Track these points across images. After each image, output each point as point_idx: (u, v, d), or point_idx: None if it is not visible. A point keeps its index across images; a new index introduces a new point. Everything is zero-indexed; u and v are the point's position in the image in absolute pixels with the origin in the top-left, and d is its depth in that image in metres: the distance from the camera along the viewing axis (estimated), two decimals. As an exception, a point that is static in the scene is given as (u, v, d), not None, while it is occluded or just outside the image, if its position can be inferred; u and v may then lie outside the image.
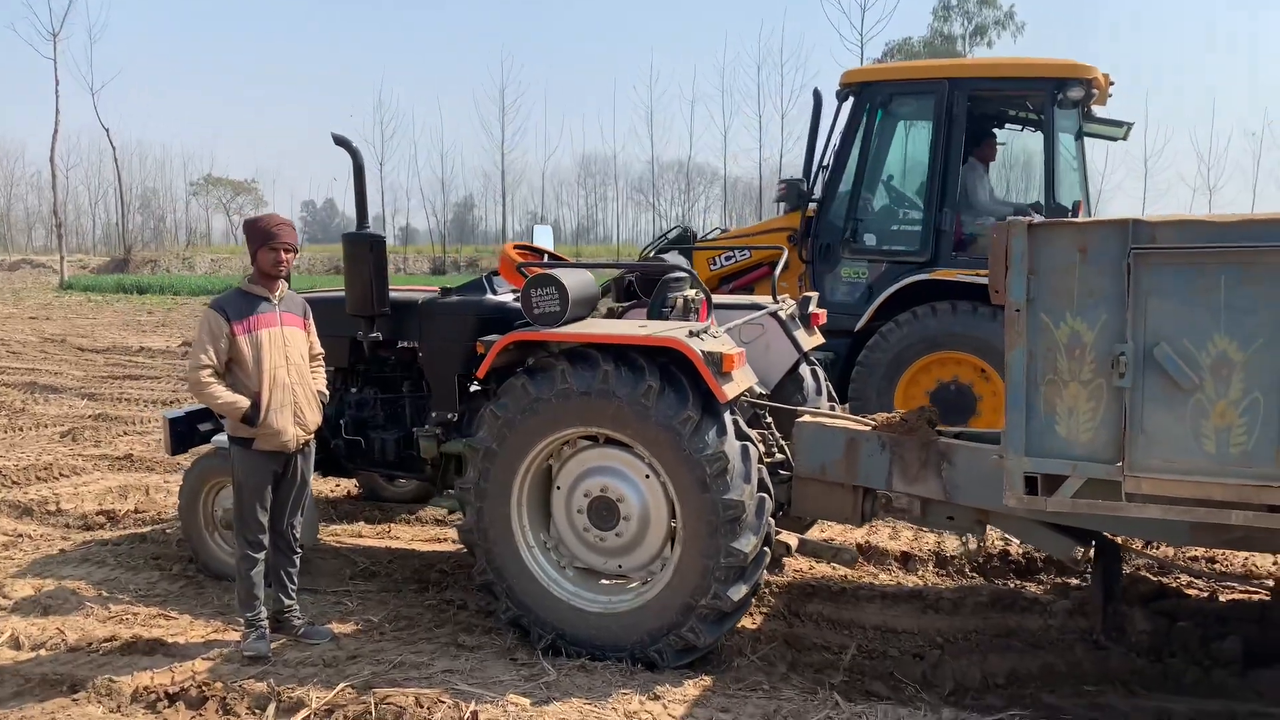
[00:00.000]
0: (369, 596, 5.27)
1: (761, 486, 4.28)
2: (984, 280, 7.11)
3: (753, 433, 4.45)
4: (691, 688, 4.08)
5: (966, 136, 7.38)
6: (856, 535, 5.95)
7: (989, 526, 4.57)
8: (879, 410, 6.93)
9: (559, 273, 4.48)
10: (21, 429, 9.59)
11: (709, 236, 8.60)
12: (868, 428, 4.75)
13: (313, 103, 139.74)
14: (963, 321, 7.04)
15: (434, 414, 5.43)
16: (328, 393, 4.74)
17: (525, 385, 4.43)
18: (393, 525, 6.46)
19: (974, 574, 5.60)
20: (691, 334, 4.23)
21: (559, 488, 4.61)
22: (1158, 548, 5.46)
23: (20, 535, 6.32)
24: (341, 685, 3.97)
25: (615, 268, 5.61)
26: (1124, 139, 8.23)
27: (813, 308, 5.60)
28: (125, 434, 9.40)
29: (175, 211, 74.92)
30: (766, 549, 4.32)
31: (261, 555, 4.48)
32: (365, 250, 5.25)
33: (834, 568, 5.36)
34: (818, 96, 8.35)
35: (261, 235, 4.30)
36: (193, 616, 4.90)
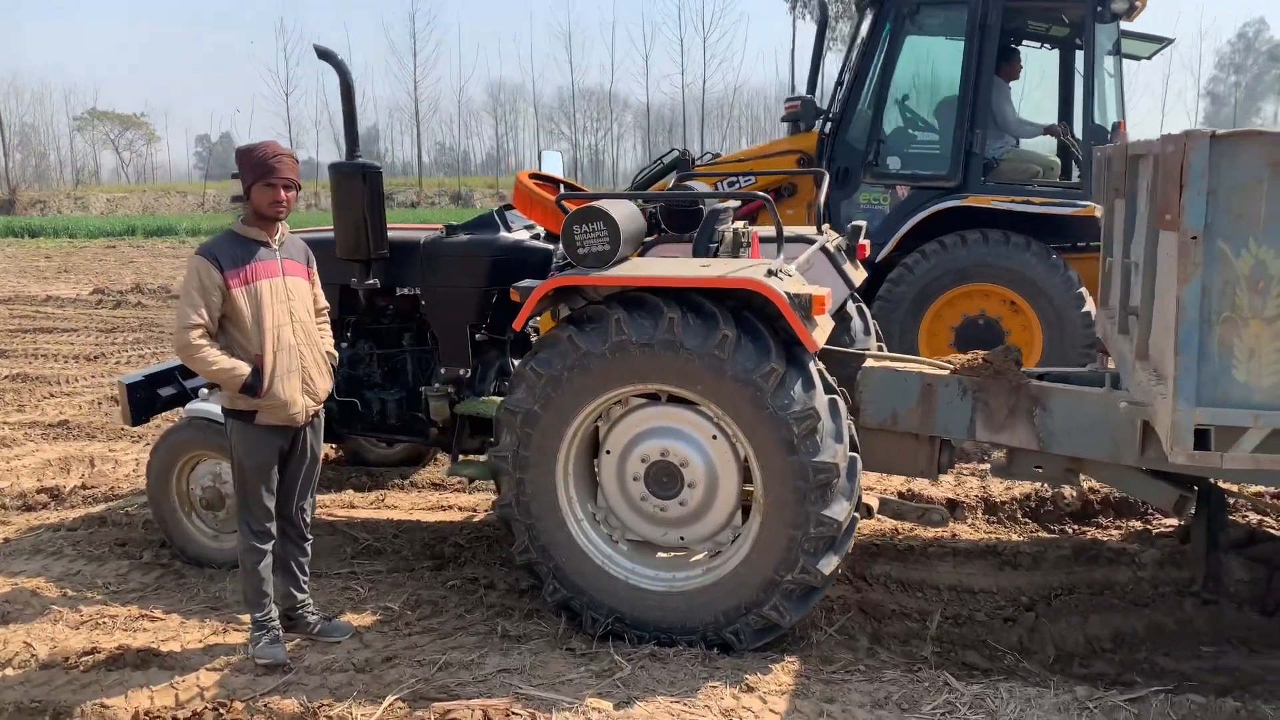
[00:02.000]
0: (379, 579, 4.65)
1: (853, 445, 3.79)
2: (1022, 207, 6.76)
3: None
4: (782, 674, 3.62)
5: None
6: (894, 484, 5.55)
7: (1081, 475, 4.20)
8: (901, 349, 6.55)
9: (604, 205, 3.85)
10: (-72, 394, 8.54)
11: (701, 161, 7.98)
12: (945, 371, 4.29)
13: (206, 29, 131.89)
14: (995, 251, 6.62)
15: (442, 370, 4.79)
16: (336, 354, 4.04)
17: (573, 338, 3.82)
18: (387, 493, 5.81)
19: (1027, 519, 5.26)
20: (769, 273, 3.67)
21: (608, 452, 4.04)
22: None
23: (-49, 522, 5.49)
24: (390, 699, 3.39)
25: (648, 199, 4.97)
26: (1149, 58, 7.84)
27: (862, 238, 5.07)
28: (52, 396, 8.44)
29: (59, 149, 70.18)
30: (857, 514, 3.85)
31: (269, 546, 3.83)
32: (358, 183, 4.52)
33: (897, 525, 4.94)
34: (823, 7, 7.72)
35: (257, 168, 3.55)
36: (181, 615, 4.22)
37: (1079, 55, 7.78)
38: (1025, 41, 7.59)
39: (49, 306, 14.19)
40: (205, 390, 4.78)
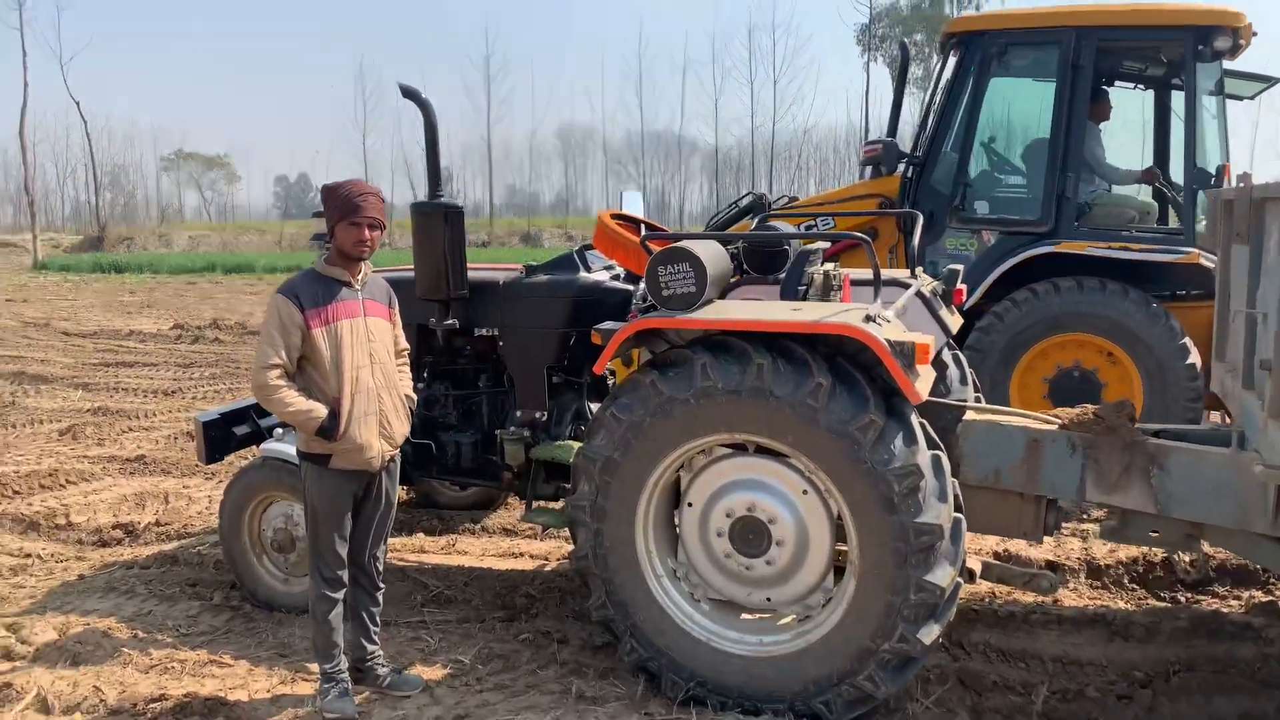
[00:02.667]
0: (449, 629, 4.50)
1: (957, 505, 3.54)
2: (1119, 254, 6.45)
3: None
4: (880, 750, 3.36)
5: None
6: (988, 543, 5.24)
7: (1202, 542, 3.88)
8: (992, 401, 6.24)
9: (690, 245, 3.69)
10: (15, 426, 8.72)
11: (778, 204, 7.81)
12: (1052, 425, 4.02)
13: (288, 73, 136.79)
14: (1089, 300, 6.30)
15: (518, 413, 4.66)
16: (415, 397, 3.94)
17: (655, 382, 3.65)
18: (458, 537, 5.68)
19: (1134, 585, 4.90)
20: (867, 318, 3.47)
21: (690, 504, 3.85)
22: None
23: (29, 556, 5.51)
24: (462, 763, 3.22)
25: (732, 239, 4.81)
26: (1251, 98, 7.49)
27: (958, 283, 4.84)
28: (130, 430, 8.54)
29: (146, 188, 73.09)
30: (960, 579, 3.59)
31: (341, 594, 3.70)
32: (439, 223, 4.45)
33: (994, 588, 4.64)
34: (904, 49, 7.54)
35: (342, 206, 3.48)
36: (250, 662, 4.11)
37: (1175, 96, 7.50)
38: (1117, 82, 7.31)
39: (131, 341, 14.54)
40: (280, 430, 4.72)
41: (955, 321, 4.77)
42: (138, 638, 4.34)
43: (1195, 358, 6.25)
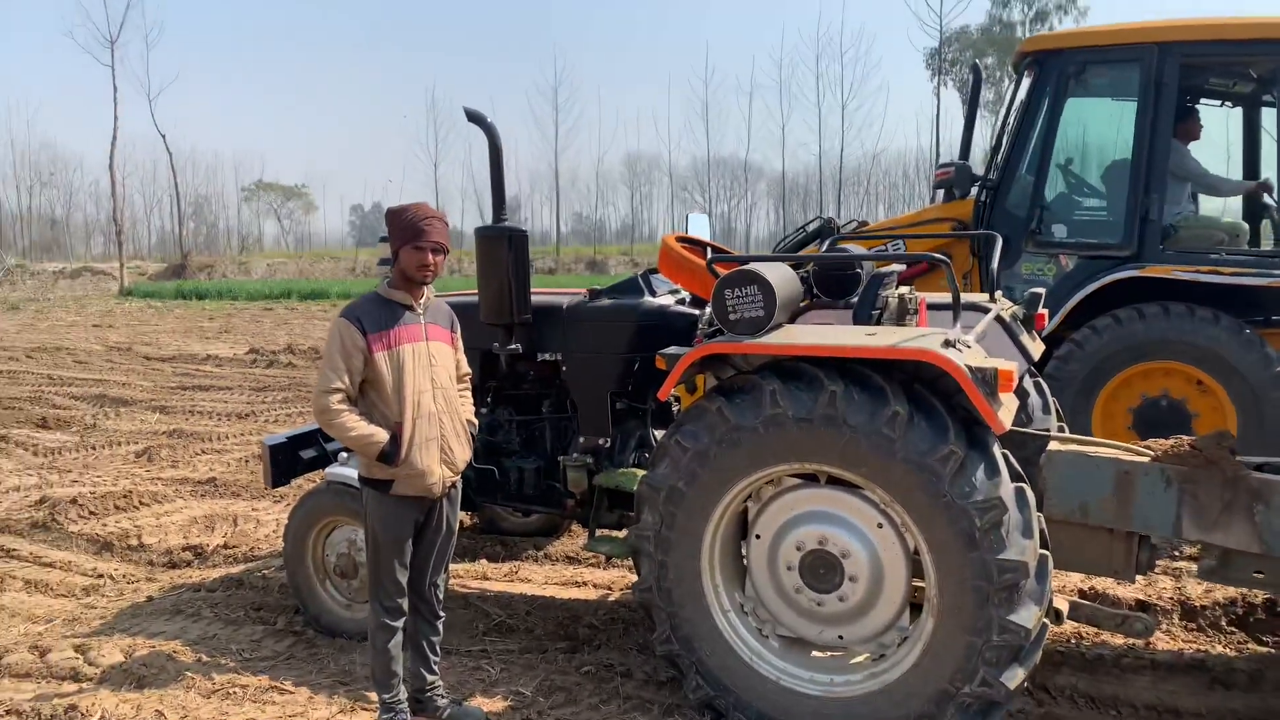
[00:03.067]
0: (511, 659, 4.41)
1: (1043, 541, 3.34)
2: (1208, 278, 6.14)
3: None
4: (959, 802, 3.15)
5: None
6: (1072, 580, 4.98)
7: (1313, 585, 3.60)
8: (1073, 432, 5.96)
9: (759, 268, 3.58)
10: (94, 448, 8.93)
11: (848, 228, 7.65)
12: (1145, 458, 3.79)
13: (363, 104, 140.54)
14: (1177, 326, 6.00)
15: (581, 439, 4.58)
16: (476, 422, 3.88)
17: (722, 410, 3.53)
18: (520, 564, 5.60)
19: (1233, 628, 4.60)
20: (946, 343, 3.31)
21: (758, 536, 3.71)
22: None
23: (102, 576, 5.59)
24: (521, 802, 3.11)
25: (802, 261, 4.68)
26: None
27: (1040, 308, 4.63)
28: (203, 453, 8.69)
29: (227, 217, 75.57)
30: (1047, 620, 3.38)
31: (400, 623, 3.64)
32: (503, 247, 4.40)
33: (1081, 629, 4.39)
34: (977, 71, 7.36)
35: (406, 231, 3.45)
36: (310, 689, 4.07)
37: (1265, 113, 7.17)
38: (1203, 100, 6.99)
39: (208, 365, 14.89)
40: (345, 454, 4.71)
41: (1037, 348, 4.56)
42: (201, 661, 4.33)
43: (1293, 386, 5.91)
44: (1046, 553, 3.34)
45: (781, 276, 3.68)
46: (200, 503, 7.05)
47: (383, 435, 3.42)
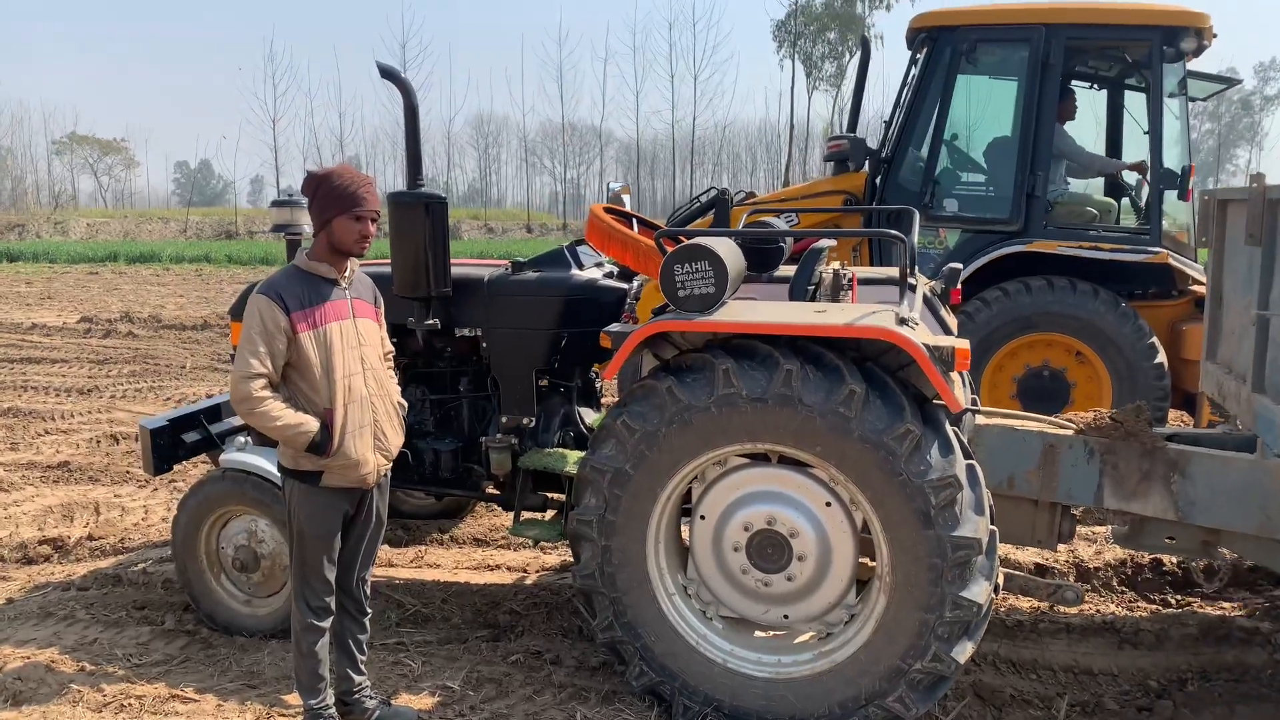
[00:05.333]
0: (431, 650, 4.19)
1: (991, 517, 3.39)
2: (1091, 253, 6.44)
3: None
4: (913, 776, 3.19)
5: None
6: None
7: (1219, 548, 3.83)
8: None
9: (709, 243, 3.46)
10: (-88, 429, 7.99)
11: (736, 200, 7.62)
12: (1068, 431, 3.93)
13: (189, 55, 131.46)
14: (1060, 299, 6.28)
15: (504, 419, 4.36)
16: (406, 404, 3.61)
17: (673, 389, 3.42)
18: (426, 549, 5.34)
19: (1124, 588, 4.87)
20: (901, 321, 3.29)
21: (702, 517, 3.63)
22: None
23: (-57, 578, 4.97)
24: (479, 810, 2.93)
25: (741, 236, 4.57)
26: (1204, 100, 7.59)
27: (958, 283, 4.71)
28: (47, 434, 7.90)
29: (37, 172, 69.36)
30: (994, 594, 3.45)
31: (328, 623, 3.37)
32: (420, 215, 4.12)
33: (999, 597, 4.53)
34: (865, 45, 7.43)
35: (342, 199, 3.13)
36: (217, 696, 3.73)
37: (1130, 96, 7.57)
38: (1074, 82, 7.31)
39: (35, 335, 13.61)
40: (242, 439, 4.33)
41: (954, 322, 4.65)
42: (86, 671, 3.91)
43: (1162, 357, 6.30)
44: (995, 529, 3.40)
45: (730, 252, 3.58)
46: (54, 489, 6.39)
47: (313, 424, 3.13)
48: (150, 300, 18.71)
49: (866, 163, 7.19)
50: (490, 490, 4.57)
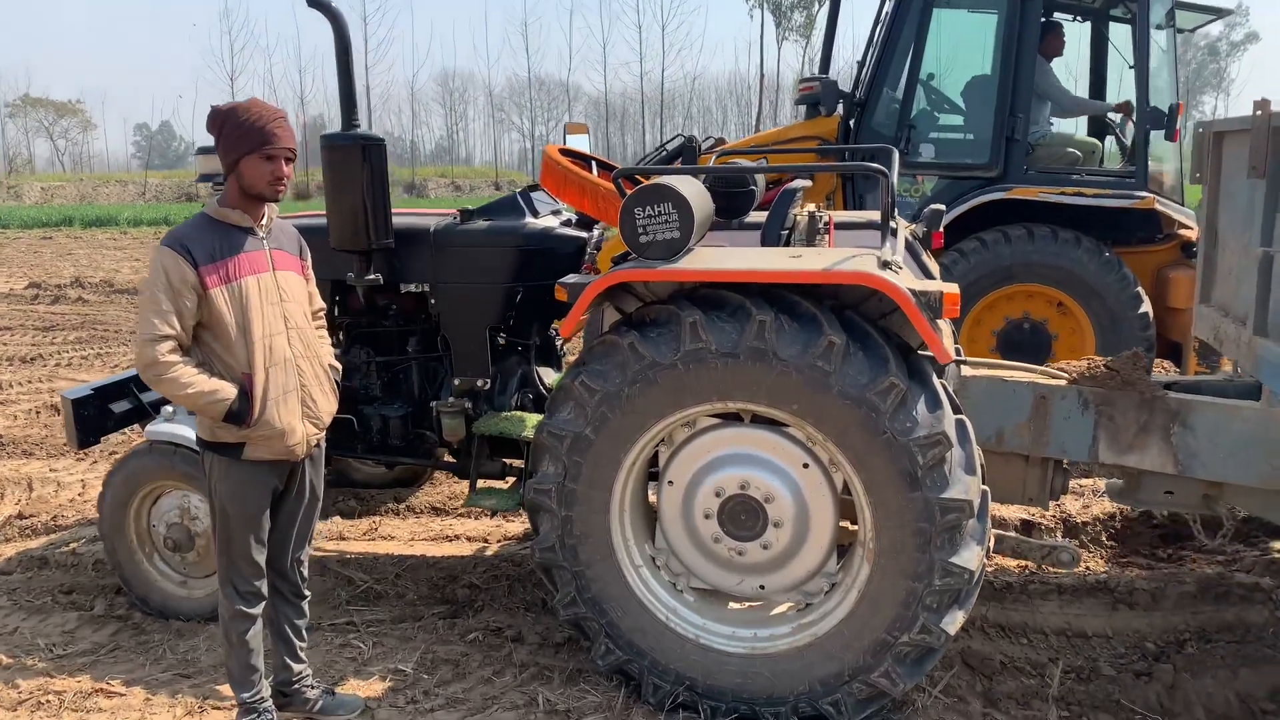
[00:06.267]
0: (383, 631, 3.90)
1: (984, 477, 3.13)
2: (1072, 200, 6.14)
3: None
4: (902, 756, 2.95)
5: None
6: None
7: (1220, 503, 3.59)
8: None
9: (671, 183, 3.13)
10: None
11: (706, 147, 7.26)
12: (1061, 381, 3.66)
13: (144, 11, 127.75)
14: (1041, 249, 6.00)
15: (456, 381, 4.04)
16: (340, 367, 3.28)
17: (635, 345, 3.11)
18: (380, 519, 5.04)
19: (1112, 542, 4.66)
20: (884, 265, 2.99)
21: (670, 483, 3.34)
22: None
23: None
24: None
25: (707, 173, 4.22)
26: (1191, 31, 7.28)
27: (940, 226, 4.41)
28: (-18, 405, 7.48)
29: (-11, 136, 67.59)
30: (986, 559, 3.19)
31: (259, 609, 3.06)
32: (356, 158, 3.75)
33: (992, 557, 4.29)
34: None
35: (250, 136, 2.76)
36: (145, 689, 3.43)
37: (1115, 28, 7.25)
38: (1056, 14, 6.96)
39: (-18, 302, 13.06)
40: (170, 408, 3.98)
41: (935, 268, 4.35)
42: (3, 666, 3.59)
43: (1148, 306, 6.06)
44: (986, 488, 3.14)
45: (697, 193, 3.25)
46: (-16, 465, 6.01)
47: (229, 390, 2.79)
48: (105, 265, 18.09)
49: (839, 106, 6.83)
50: (445, 458, 4.26)
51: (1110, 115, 7.09)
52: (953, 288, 2.96)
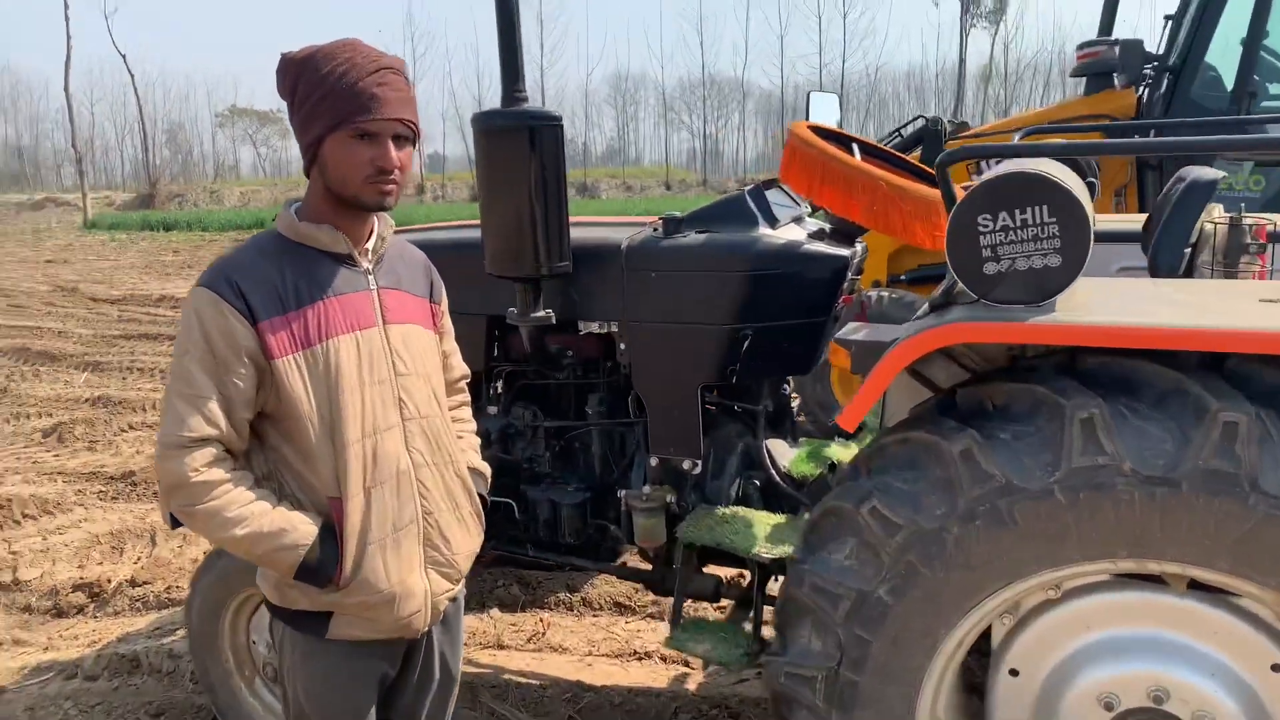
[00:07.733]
0: (549, 815, 2.74)
1: None
2: None
3: None
4: None
5: None
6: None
7: None
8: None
9: (1050, 173, 1.80)
10: (-5, 421, 7.17)
11: (949, 134, 5.86)
12: None
13: (337, 22, 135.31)
14: None
15: (653, 460, 2.83)
16: (488, 472, 2.12)
17: (976, 454, 1.80)
18: (548, 615, 3.88)
19: None
20: None
21: (1014, 673, 2.01)
22: None
23: (-58, 643, 3.88)
24: None
25: (1074, 152, 2.86)
26: None
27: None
28: (129, 429, 6.89)
29: (202, 144, 72.77)
30: None
31: None
32: (521, 146, 2.56)
33: None
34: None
35: (335, 100, 1.63)
36: None
37: None
38: None
39: (162, 308, 13.02)
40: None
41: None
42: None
43: None
44: None
45: (1082, 191, 1.90)
46: (109, 510, 5.29)
47: (306, 530, 1.66)
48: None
49: (1143, 74, 5.25)
50: (635, 561, 3.07)
51: None
52: None
